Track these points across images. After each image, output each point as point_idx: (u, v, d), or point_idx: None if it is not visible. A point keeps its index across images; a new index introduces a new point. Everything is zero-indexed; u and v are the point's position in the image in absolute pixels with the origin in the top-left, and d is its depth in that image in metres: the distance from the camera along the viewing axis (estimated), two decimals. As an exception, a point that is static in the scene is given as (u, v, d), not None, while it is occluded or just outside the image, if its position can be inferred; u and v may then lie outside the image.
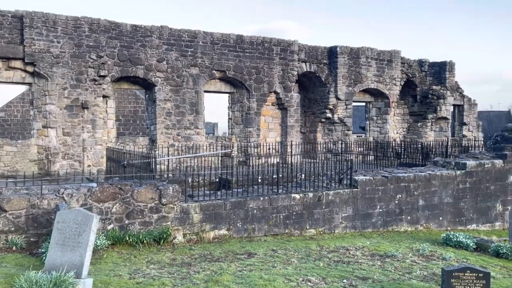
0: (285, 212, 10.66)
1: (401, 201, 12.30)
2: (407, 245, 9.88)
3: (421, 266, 8.09)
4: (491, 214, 13.90)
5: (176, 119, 19.25)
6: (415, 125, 26.35)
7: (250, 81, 20.68)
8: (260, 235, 10.26)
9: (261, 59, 20.88)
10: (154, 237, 8.73)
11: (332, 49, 23.25)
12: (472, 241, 10.10)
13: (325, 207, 11.17)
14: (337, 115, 23.55)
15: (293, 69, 21.79)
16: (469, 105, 27.57)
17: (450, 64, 26.56)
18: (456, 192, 13.22)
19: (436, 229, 12.68)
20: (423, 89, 26.36)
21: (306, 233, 10.85)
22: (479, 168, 13.62)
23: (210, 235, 9.64)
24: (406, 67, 25.91)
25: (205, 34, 19.67)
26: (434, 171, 13.23)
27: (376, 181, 11.98)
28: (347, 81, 23.40)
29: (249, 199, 10.29)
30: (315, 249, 9.04)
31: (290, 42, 21.71)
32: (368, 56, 23.95)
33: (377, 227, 11.94)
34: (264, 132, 21.78)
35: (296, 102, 22.22)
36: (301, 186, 11.52)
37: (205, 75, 19.73)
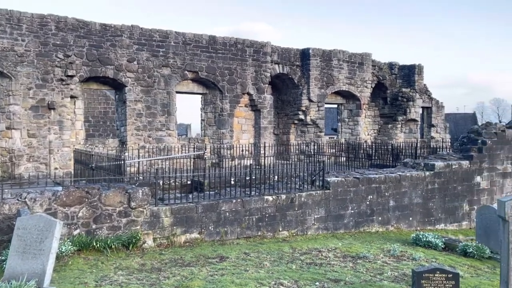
0: (258, 215, 10.58)
1: (372, 202, 12.43)
2: (378, 245, 9.97)
3: (392, 266, 8.16)
4: (458, 214, 14.25)
5: (147, 120, 18.89)
6: (386, 126, 26.83)
7: (223, 82, 20.53)
8: (233, 238, 10.14)
9: (234, 60, 20.77)
10: (122, 242, 8.48)
11: (304, 51, 23.39)
12: (440, 241, 10.29)
13: (297, 208, 11.16)
14: (309, 117, 23.69)
15: (266, 70, 21.78)
16: (437, 108, 28.30)
17: (419, 67, 27.20)
18: (425, 193, 13.48)
19: (406, 229, 12.89)
20: (393, 92, 26.88)
21: (279, 235, 10.81)
22: (447, 169, 13.95)
23: (181, 239, 9.45)
24: (377, 69, 26.36)
25: (177, 34, 19.40)
26: (404, 172, 13.45)
27: (348, 182, 12.07)
28: (319, 83, 23.59)
29: (222, 202, 10.16)
30: (287, 251, 8.99)
31: (263, 43, 21.70)
32: (340, 59, 24.23)
33: (349, 228, 12.03)
34: (237, 133, 21.67)
35: (269, 104, 22.23)
36: (274, 188, 11.47)
37: (177, 75, 19.45)
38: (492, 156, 14.87)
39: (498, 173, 15.06)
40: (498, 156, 15.02)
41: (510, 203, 4.97)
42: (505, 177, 15.26)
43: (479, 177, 14.61)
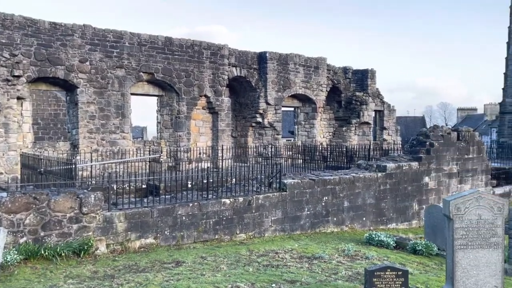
0: (215, 218, 10.51)
1: (328, 203, 12.70)
2: (333, 245, 10.19)
3: (346, 266, 8.35)
4: (408, 213, 14.83)
5: (101, 122, 18.31)
6: (340, 129, 27.53)
7: (179, 84, 20.29)
8: (189, 242, 10.02)
9: (191, 62, 20.59)
10: (73, 249, 8.15)
11: (261, 55, 23.57)
12: (392, 240, 10.65)
13: (255, 211, 11.20)
14: (267, 120, 23.88)
15: (223, 73, 21.74)
16: (389, 111, 29.37)
17: (371, 72, 28.13)
18: (377, 193, 13.93)
19: (360, 229, 13.25)
20: (348, 95, 27.63)
21: (236, 238, 10.79)
22: (398, 170, 14.49)
23: (136, 244, 9.22)
24: (331, 74, 27.00)
25: (131, 35, 18.97)
26: (358, 173, 13.84)
27: (304, 184, 12.25)
28: (276, 87, 23.84)
29: (178, 206, 10.01)
30: (245, 254, 8.99)
31: (220, 46, 21.65)
32: (296, 63, 24.61)
33: (305, 229, 12.21)
34: (195, 136, 21.47)
35: (227, 106, 22.20)
36: (232, 190, 11.45)
37: (132, 77, 19.01)
38: (439, 157, 15.61)
39: (444, 174, 15.83)
40: (444, 157, 15.79)
41: (454, 202, 5.23)
42: (451, 177, 16.07)
43: (427, 178, 15.29)
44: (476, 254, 5.21)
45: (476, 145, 17.11)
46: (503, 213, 5.26)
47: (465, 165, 16.58)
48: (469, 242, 5.20)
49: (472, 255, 5.22)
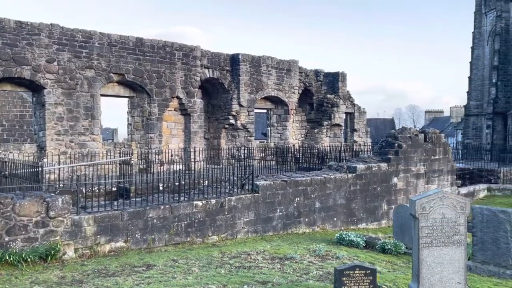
0: (187, 220, 10.45)
1: (300, 204, 12.83)
2: (305, 246, 10.30)
3: (317, 266, 8.46)
4: (378, 213, 15.16)
5: (69, 124, 17.88)
6: (312, 131, 27.85)
7: (151, 86, 20.04)
8: (161, 245, 9.91)
9: (163, 63, 20.38)
10: (40, 254, 7.93)
11: (234, 57, 23.59)
12: (362, 239, 10.86)
13: (227, 213, 11.19)
14: (240, 122, 23.90)
15: (196, 74, 21.63)
16: (359, 113, 29.94)
17: (342, 75, 28.62)
18: (348, 194, 14.18)
19: (331, 230, 13.44)
20: (319, 98, 28.00)
21: (208, 240, 10.75)
22: (368, 171, 14.80)
23: (105, 248, 9.05)
24: (303, 76, 27.30)
25: (101, 35, 18.61)
26: (329, 174, 14.04)
27: (276, 186, 12.34)
28: (249, 89, 23.91)
29: (149, 208, 9.89)
30: (217, 256, 8.97)
31: (192, 47, 21.53)
32: (269, 65, 24.77)
33: (278, 230, 12.29)
34: (167, 138, 21.26)
35: (199, 108, 22.09)
36: (204, 192, 11.40)
37: (101, 78, 18.65)
38: (407, 158, 16.04)
39: (412, 174, 16.28)
40: (412, 159, 16.23)
41: (419, 202, 5.40)
42: (418, 178, 16.53)
43: (396, 178, 15.68)
44: (440, 251, 5.39)
45: (442, 147, 17.67)
46: (465, 212, 5.47)
47: (432, 165, 17.10)
48: (433, 240, 5.38)
49: (437, 252, 5.39)
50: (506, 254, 8.37)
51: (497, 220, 8.49)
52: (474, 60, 44.27)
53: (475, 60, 44.18)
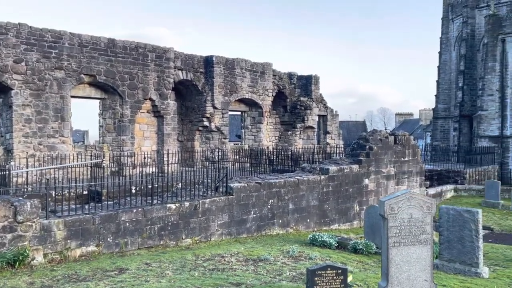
0: (160, 223, 10.37)
1: (273, 205, 12.93)
2: (278, 247, 10.40)
3: (290, 267, 8.57)
4: (350, 214, 15.44)
5: (38, 126, 17.42)
6: (286, 133, 28.09)
7: (123, 87, 19.76)
8: (133, 249, 9.81)
9: (135, 64, 20.14)
10: (7, 260, 7.71)
11: (208, 59, 23.55)
12: (334, 240, 11.05)
13: (201, 215, 11.17)
14: (214, 124, 23.86)
15: (169, 76, 21.47)
16: (332, 116, 30.39)
17: (315, 78, 29.00)
18: (321, 195, 14.39)
19: (304, 231, 13.61)
20: (293, 100, 28.28)
21: (182, 243, 10.70)
22: (340, 172, 15.06)
23: (76, 253, 8.88)
24: (277, 79, 27.52)
25: (71, 35, 18.24)
26: (302, 176, 14.22)
27: (250, 188, 12.40)
28: (223, 91, 23.91)
29: (121, 212, 9.77)
30: (190, 259, 8.95)
31: (165, 49, 21.37)
32: (243, 67, 24.84)
33: (252, 232, 12.35)
34: (139, 140, 21.00)
35: (172, 110, 21.93)
36: (178, 195, 11.34)
37: (72, 79, 18.26)
38: (378, 160, 16.41)
39: (383, 176, 16.66)
40: (382, 160, 16.62)
41: (388, 203, 5.57)
42: (389, 179, 16.94)
43: (367, 180, 16.01)
44: (408, 250, 5.58)
45: (412, 149, 18.18)
46: (432, 212, 5.68)
47: (402, 167, 17.56)
48: (401, 239, 5.56)
49: (405, 251, 5.58)
50: (471, 252, 8.70)
51: (462, 220, 8.82)
52: (441, 64, 45.69)
53: (443, 64, 45.61)
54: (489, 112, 36.92)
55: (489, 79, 37.02)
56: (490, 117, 36.90)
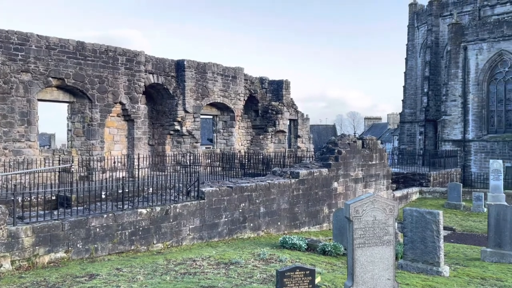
0: (131, 228, 10.35)
1: (245, 209, 13.09)
2: (249, 251, 10.56)
3: (261, 269, 8.74)
4: (319, 217, 15.79)
5: (3, 130, 16.94)
6: (258, 137, 28.35)
7: (92, 91, 19.49)
8: (104, 254, 9.75)
9: (105, 68, 19.90)
10: (-28, 269, 7.54)
11: (179, 63, 23.53)
12: (304, 242, 11.31)
13: (172, 220, 11.21)
14: (185, 128, 23.82)
15: (140, 80, 21.32)
16: (302, 120, 30.88)
17: (286, 83, 29.42)
18: (291, 199, 14.66)
19: (275, 234, 13.83)
20: (264, 105, 28.58)
21: (153, 248, 10.71)
22: (310, 176, 15.39)
23: (45, 259, 8.76)
24: (249, 83, 27.76)
25: (39, 37, 17.86)
26: (273, 180, 14.46)
27: (222, 192, 12.52)
28: (194, 95, 23.93)
29: (91, 217, 9.70)
30: (162, 263, 8.99)
31: (136, 52, 21.23)
32: (214, 72, 24.94)
33: (223, 236, 12.46)
34: (109, 144, 20.73)
35: (143, 114, 21.77)
36: (149, 200, 11.34)
37: (39, 82, 17.87)
38: (346, 164, 16.86)
39: (351, 179, 17.12)
40: (351, 164, 17.09)
41: (353, 206, 5.84)
42: (357, 182, 17.42)
43: (336, 183, 16.42)
44: (372, 251, 5.86)
45: (379, 152, 18.75)
46: (394, 214, 5.99)
47: (369, 170, 18.09)
48: (366, 241, 5.83)
49: (369, 252, 5.85)
50: (433, 252, 9.13)
51: (424, 221, 9.24)
52: (408, 70, 47.19)
53: (409, 70, 47.11)
54: (452, 117, 38.40)
55: (452, 85, 38.53)
56: (454, 121, 38.39)
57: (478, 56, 37.45)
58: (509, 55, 36.01)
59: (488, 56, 36.93)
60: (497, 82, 37.49)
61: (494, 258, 10.74)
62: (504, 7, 39.36)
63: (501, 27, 36.14)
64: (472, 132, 37.76)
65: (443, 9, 43.12)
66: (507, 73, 36.84)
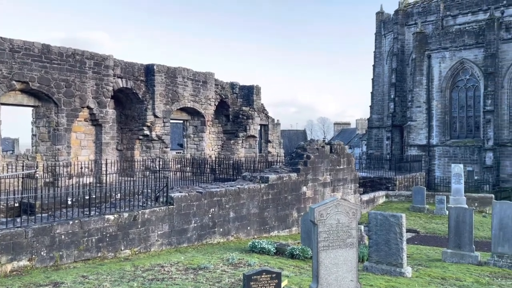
0: (98, 235, 10.19)
1: (214, 214, 13.12)
2: (219, 256, 10.59)
3: (229, 274, 8.80)
4: (289, 221, 15.99)
5: (-37, 135, 16.33)
6: (229, 142, 28.40)
7: (59, 95, 19.05)
8: (69, 262, 9.56)
9: (72, 72, 19.51)
10: None
11: (149, 67, 23.34)
12: (273, 246, 11.44)
13: (141, 226, 11.11)
14: (155, 133, 23.60)
15: (108, 84, 21.01)
16: (273, 125, 31.17)
17: (257, 88, 29.65)
18: (261, 203, 14.79)
19: (245, 238, 13.91)
20: (235, 110, 28.69)
21: (121, 254, 10.58)
22: (279, 181, 15.58)
23: (7, 268, 8.52)
24: (219, 88, 27.81)
25: (2, 40, 17.35)
26: (243, 185, 14.55)
27: (191, 197, 12.51)
28: (164, 99, 23.77)
29: (57, 224, 9.50)
30: (129, 270, 8.90)
31: (104, 56, 20.92)
32: (185, 76, 24.87)
33: (193, 241, 12.44)
34: (76, 149, 20.29)
35: (111, 118, 21.44)
36: (116, 206, 11.21)
37: (2, 85, 17.34)
38: (315, 168, 17.16)
39: (320, 183, 17.43)
40: (319, 169, 17.40)
41: (318, 210, 6.01)
42: (325, 187, 17.74)
43: (305, 187, 16.68)
44: (336, 253, 6.04)
45: (346, 157, 19.18)
46: (357, 217, 6.19)
47: (337, 175, 18.46)
48: (330, 243, 6.01)
49: (333, 254, 6.03)
50: (396, 254, 9.43)
51: (388, 224, 9.54)
52: (375, 77, 48.42)
53: (376, 77, 48.35)
54: (417, 123, 39.65)
55: (417, 91, 39.83)
56: (419, 127, 39.64)
57: (441, 64, 38.91)
58: (470, 64, 37.59)
59: (450, 64, 38.42)
60: (459, 89, 39.02)
61: (454, 259, 11.19)
62: (466, 17, 41.10)
63: (463, 37, 37.71)
64: (436, 137, 39.10)
65: (408, 18, 44.59)
66: (468, 80, 38.42)
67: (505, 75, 35.89)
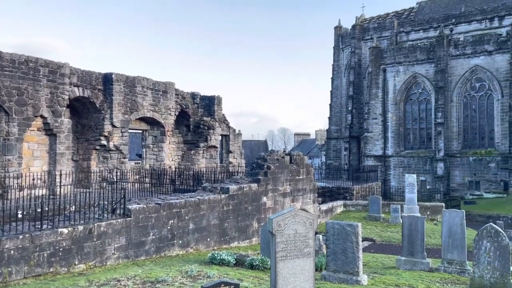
0: (50, 249, 9.79)
1: (173, 226, 12.93)
2: (177, 268, 10.44)
3: (188, 287, 8.69)
4: (249, 231, 16.01)
5: None
6: (189, 153, 28.15)
7: (10, 103, 18.25)
8: (19, 278, 9.12)
9: (25, 79, 18.77)
10: None
11: (107, 76, 22.84)
12: (232, 258, 11.40)
13: (96, 239, 10.78)
14: (112, 143, 23.04)
15: (63, 93, 20.35)
16: (234, 135, 31.22)
17: (218, 99, 29.67)
18: (221, 214, 14.74)
19: (204, 250, 13.78)
20: (196, 120, 28.55)
21: (74, 269, 10.20)
22: (240, 191, 15.60)
23: (-52, 287, 8.01)
24: (180, 98, 27.61)
25: (-51, 44, 16.47)
26: (203, 196, 14.45)
27: (150, 209, 12.28)
28: (123, 109, 23.30)
29: (5, 239, 9.05)
30: (83, 285, 8.61)
31: (60, 64, 20.29)
32: (144, 86, 24.53)
33: (151, 254, 12.19)
34: (28, 160, 19.45)
35: (67, 128, 20.75)
36: (71, 219, 10.82)
37: None
38: (275, 179, 17.33)
39: (280, 193, 17.61)
40: (279, 179, 17.59)
41: (276, 220, 6.09)
42: (285, 197, 17.94)
43: (265, 198, 16.79)
44: (294, 263, 6.13)
45: (306, 168, 19.51)
46: (314, 227, 6.33)
47: (297, 185, 18.73)
48: (288, 253, 6.10)
49: (291, 264, 6.12)
50: (353, 262, 9.67)
51: (345, 233, 9.78)
52: (334, 89, 49.73)
53: (335, 89, 49.68)
54: (374, 134, 41.00)
55: (373, 104, 41.24)
56: (375, 138, 40.99)
57: (396, 78, 40.56)
58: (422, 78, 39.43)
59: (404, 78, 40.13)
60: (412, 102, 40.79)
61: (407, 266, 11.60)
62: (418, 33, 43.19)
63: (415, 52, 39.55)
64: (391, 148, 40.55)
65: (365, 33, 46.28)
66: (421, 94, 40.25)
67: (454, 89, 37.92)
